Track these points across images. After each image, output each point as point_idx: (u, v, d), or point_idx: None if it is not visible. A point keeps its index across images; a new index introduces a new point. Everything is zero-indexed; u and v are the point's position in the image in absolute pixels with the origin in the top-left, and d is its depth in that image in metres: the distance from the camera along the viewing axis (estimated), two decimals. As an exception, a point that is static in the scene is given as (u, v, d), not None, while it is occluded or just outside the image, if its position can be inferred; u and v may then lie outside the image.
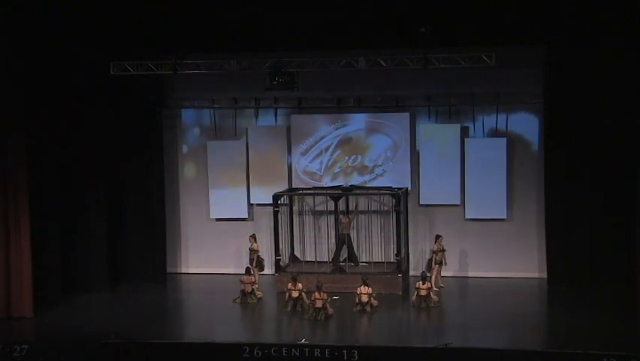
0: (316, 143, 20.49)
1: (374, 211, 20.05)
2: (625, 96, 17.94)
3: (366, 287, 17.27)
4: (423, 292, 17.65)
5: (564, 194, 18.85)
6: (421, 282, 17.71)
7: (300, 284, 17.49)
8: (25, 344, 15.25)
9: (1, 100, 16.78)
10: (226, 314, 17.60)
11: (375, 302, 17.29)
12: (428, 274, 18.38)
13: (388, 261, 19.37)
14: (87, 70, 18.56)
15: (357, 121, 20.35)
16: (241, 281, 18.32)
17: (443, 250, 18.87)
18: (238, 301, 18.20)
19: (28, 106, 17.16)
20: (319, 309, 16.77)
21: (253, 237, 19.44)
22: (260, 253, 19.38)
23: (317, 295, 16.80)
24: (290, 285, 17.56)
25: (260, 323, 17.50)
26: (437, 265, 18.86)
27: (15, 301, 17.10)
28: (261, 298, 18.38)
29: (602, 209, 18.55)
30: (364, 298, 17.22)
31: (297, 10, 17.97)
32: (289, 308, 17.43)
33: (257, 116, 20.87)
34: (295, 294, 17.42)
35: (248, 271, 18.47)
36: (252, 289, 18.28)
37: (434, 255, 18.87)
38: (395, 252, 19.04)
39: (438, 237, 18.98)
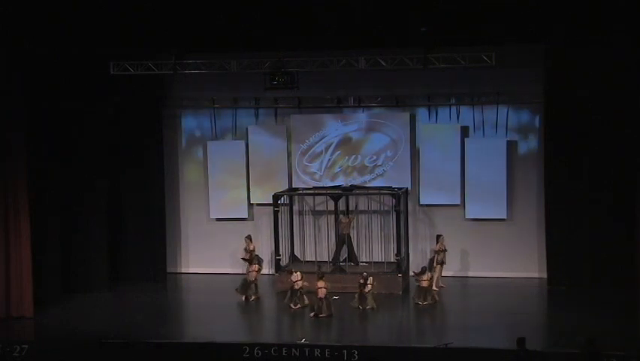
0: (316, 143, 20.49)
1: (374, 211, 20.05)
2: (625, 96, 17.92)
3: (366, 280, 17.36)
4: (424, 284, 17.66)
5: (564, 194, 18.86)
6: (421, 273, 17.72)
7: (298, 275, 17.59)
8: (25, 344, 15.26)
9: (1, 100, 16.77)
10: (226, 314, 17.61)
11: (374, 304, 17.38)
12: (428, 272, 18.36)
13: (388, 261, 19.38)
14: (87, 70, 18.56)
15: (357, 121, 20.37)
16: (246, 265, 18.42)
17: (445, 250, 18.88)
18: (244, 295, 18.21)
19: (28, 106, 17.16)
20: (322, 299, 16.79)
21: (249, 238, 19.42)
22: (257, 254, 19.33)
23: (319, 284, 16.82)
24: (293, 276, 17.63)
25: (260, 323, 17.51)
26: (439, 265, 18.83)
27: (15, 301, 17.10)
28: (258, 298, 18.45)
29: (602, 209, 18.55)
30: (365, 289, 17.28)
31: (297, 10, 17.95)
32: (287, 299, 17.46)
33: (257, 116, 20.88)
34: (297, 285, 17.43)
35: (251, 262, 18.54)
36: (255, 279, 18.29)
37: (436, 255, 18.86)
38: (395, 252, 19.05)
39: (439, 236, 18.99)
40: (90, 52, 18.44)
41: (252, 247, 19.29)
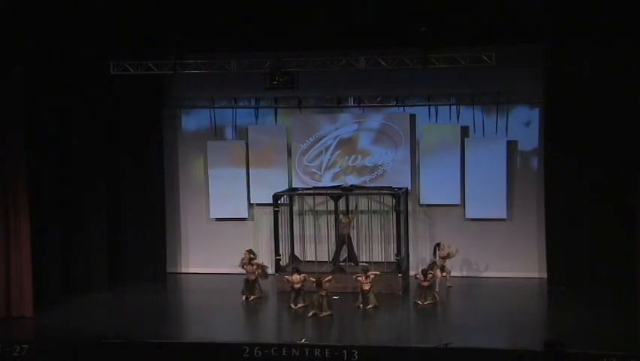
0: (316, 143, 20.48)
1: (374, 211, 20.04)
2: (625, 96, 17.92)
3: (367, 278, 17.32)
4: (425, 283, 17.66)
5: (564, 194, 18.84)
6: (421, 274, 17.71)
7: (298, 276, 17.52)
8: (25, 344, 15.23)
9: (1, 100, 16.77)
10: (226, 314, 17.60)
11: (375, 302, 17.35)
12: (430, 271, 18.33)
13: (388, 261, 19.37)
14: (87, 70, 18.56)
15: (357, 121, 20.34)
16: (244, 267, 18.41)
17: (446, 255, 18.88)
18: (245, 294, 18.18)
19: (28, 106, 17.15)
20: (322, 296, 16.83)
21: (250, 251, 18.91)
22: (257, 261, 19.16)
23: (319, 292, 16.88)
24: (292, 277, 17.58)
25: (260, 323, 17.51)
26: (439, 270, 18.71)
27: (15, 301, 17.07)
28: (260, 297, 18.44)
29: (602, 209, 18.54)
30: (365, 287, 17.27)
31: (297, 10, 17.95)
32: (292, 301, 17.44)
33: (257, 116, 20.87)
34: (297, 285, 17.43)
35: (250, 261, 18.50)
36: (256, 278, 18.30)
37: (441, 260, 18.79)
38: (395, 252, 19.04)
39: (438, 244, 18.95)
40: (90, 52, 18.43)
41: (255, 262, 18.86)
